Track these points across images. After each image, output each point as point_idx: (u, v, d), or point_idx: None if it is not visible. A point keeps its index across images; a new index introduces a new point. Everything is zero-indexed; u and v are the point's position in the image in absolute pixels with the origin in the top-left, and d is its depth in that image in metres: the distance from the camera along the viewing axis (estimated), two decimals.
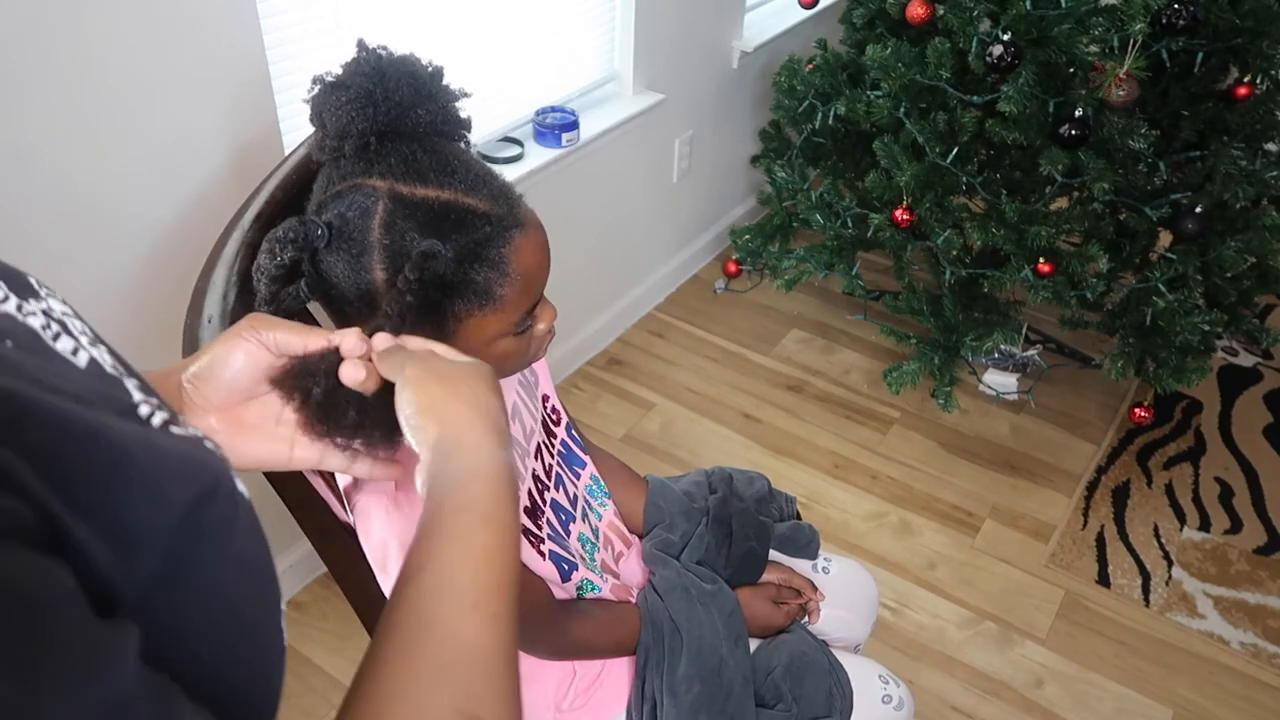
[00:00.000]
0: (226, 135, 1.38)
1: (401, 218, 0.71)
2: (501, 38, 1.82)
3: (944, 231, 2.08)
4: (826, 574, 1.23)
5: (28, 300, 0.36)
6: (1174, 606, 1.88)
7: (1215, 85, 2.01)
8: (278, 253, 0.70)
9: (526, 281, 0.77)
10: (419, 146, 0.73)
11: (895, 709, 1.10)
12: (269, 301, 0.73)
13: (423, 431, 0.60)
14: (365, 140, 0.72)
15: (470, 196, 0.73)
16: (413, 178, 0.71)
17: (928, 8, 1.97)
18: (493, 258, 0.74)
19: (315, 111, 0.74)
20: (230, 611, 0.36)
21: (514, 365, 0.85)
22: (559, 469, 1.02)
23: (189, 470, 0.35)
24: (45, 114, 1.16)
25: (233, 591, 0.36)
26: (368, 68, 0.72)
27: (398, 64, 0.73)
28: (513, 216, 0.75)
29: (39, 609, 0.27)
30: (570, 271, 2.23)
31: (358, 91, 0.71)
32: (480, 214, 0.73)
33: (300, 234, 0.70)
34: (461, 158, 0.75)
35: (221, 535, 0.36)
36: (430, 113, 0.74)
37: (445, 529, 0.53)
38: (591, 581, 1.01)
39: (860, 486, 2.13)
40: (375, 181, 0.71)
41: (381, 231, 0.71)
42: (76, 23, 1.15)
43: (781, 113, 2.40)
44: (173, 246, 1.35)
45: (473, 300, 0.75)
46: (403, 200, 0.71)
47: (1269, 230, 1.98)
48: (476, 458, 0.58)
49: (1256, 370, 2.51)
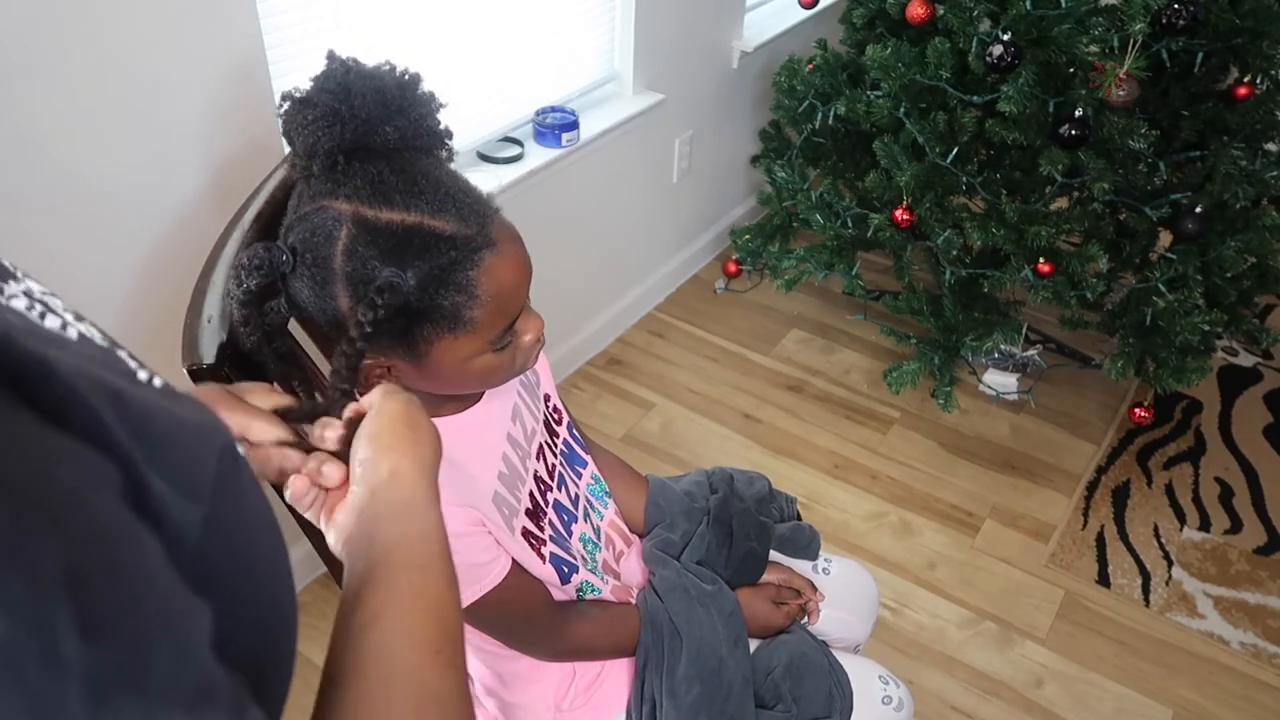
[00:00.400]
0: (226, 135, 1.37)
1: (364, 245, 0.70)
2: (502, 38, 1.82)
3: (944, 231, 2.08)
4: (826, 574, 1.23)
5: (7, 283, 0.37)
6: (1174, 606, 1.88)
7: (1215, 85, 2.01)
8: (243, 279, 0.70)
9: (499, 302, 0.75)
10: (388, 165, 0.71)
11: (895, 710, 1.10)
12: (245, 323, 0.73)
13: (372, 466, 0.59)
14: (333, 159, 0.71)
15: (437, 219, 0.71)
16: (378, 200, 0.70)
17: (928, 8, 1.97)
18: (459, 281, 0.73)
19: (285, 129, 0.73)
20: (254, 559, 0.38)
21: (500, 378, 0.84)
22: (561, 468, 1.02)
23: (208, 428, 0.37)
24: (44, 114, 1.16)
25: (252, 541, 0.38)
26: (333, 84, 0.70)
27: (365, 79, 0.71)
28: (482, 236, 0.73)
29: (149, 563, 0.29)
30: (570, 271, 2.24)
31: (324, 110, 0.70)
32: (445, 237, 0.71)
33: (265, 260, 0.70)
34: (431, 176, 0.73)
35: (236, 489, 0.37)
36: (399, 129, 0.72)
37: (401, 581, 0.54)
38: (591, 583, 1.01)
39: (860, 486, 2.13)
40: (340, 205, 0.70)
41: (344, 259, 0.70)
42: (76, 23, 1.15)
43: (781, 113, 2.40)
44: (173, 246, 1.35)
45: (441, 325, 0.74)
46: (366, 225, 0.70)
47: (1269, 230, 1.98)
48: (427, 520, 0.58)
49: (1256, 370, 2.51)
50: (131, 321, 1.36)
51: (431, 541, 0.57)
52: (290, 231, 0.73)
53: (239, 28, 1.33)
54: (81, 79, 1.18)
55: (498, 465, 0.90)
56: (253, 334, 0.73)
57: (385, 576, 0.54)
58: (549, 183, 1.99)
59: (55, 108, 1.17)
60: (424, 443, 0.61)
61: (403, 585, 0.54)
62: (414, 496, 0.58)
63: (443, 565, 0.56)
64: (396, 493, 0.58)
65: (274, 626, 0.40)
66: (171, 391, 0.38)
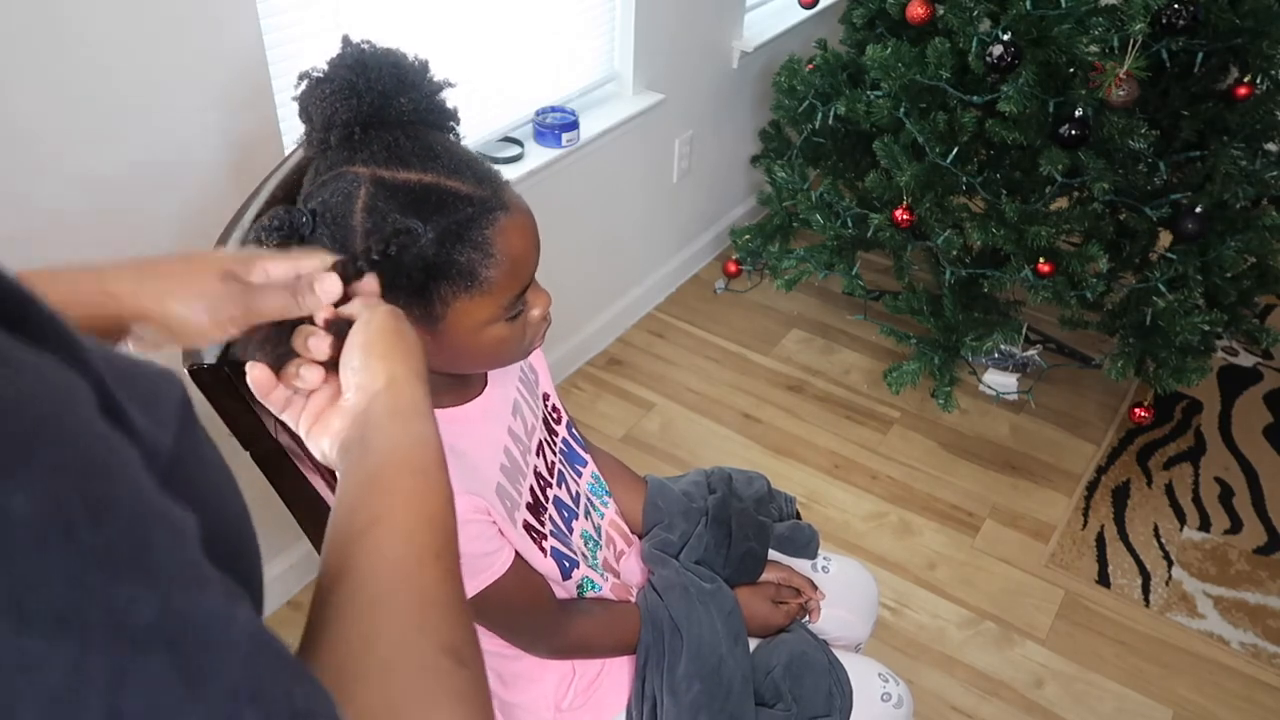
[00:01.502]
0: (227, 135, 1.38)
1: (383, 200, 0.71)
2: (501, 38, 1.82)
3: (944, 231, 2.08)
4: (826, 574, 1.23)
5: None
6: (1174, 606, 1.88)
7: (1215, 85, 2.01)
8: (263, 240, 0.71)
9: (512, 264, 0.77)
10: (402, 133, 0.74)
11: (895, 707, 1.10)
12: None
13: (367, 373, 0.59)
14: (350, 130, 0.73)
15: (453, 179, 0.73)
16: (395, 163, 0.72)
17: (928, 8, 1.97)
18: (475, 239, 0.74)
19: (302, 106, 0.75)
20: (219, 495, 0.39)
21: (510, 353, 0.85)
22: (561, 466, 1.02)
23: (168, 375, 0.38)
24: (45, 114, 1.16)
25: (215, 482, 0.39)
26: (350, 60, 0.73)
27: (381, 55, 0.74)
28: (497, 199, 0.75)
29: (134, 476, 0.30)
30: (570, 271, 2.24)
31: (341, 83, 0.72)
32: (462, 196, 0.73)
33: (285, 221, 0.71)
34: (445, 144, 0.75)
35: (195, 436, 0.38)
36: (414, 101, 0.74)
37: (399, 486, 0.54)
38: (592, 580, 1.01)
39: (860, 486, 2.13)
40: (358, 169, 0.72)
41: (364, 215, 0.72)
42: (76, 22, 1.15)
43: (781, 113, 2.40)
44: (173, 246, 1.36)
45: (458, 282, 0.75)
46: (384, 184, 0.72)
47: (1269, 230, 1.98)
48: (424, 423, 0.58)
49: (1256, 370, 2.51)
50: None
51: (430, 447, 0.57)
52: (309, 199, 0.74)
53: (239, 28, 1.33)
54: (82, 79, 1.18)
55: (500, 457, 0.90)
56: None
57: (385, 480, 0.54)
58: (549, 183, 1.99)
59: (55, 108, 1.17)
60: (414, 353, 0.61)
61: (404, 490, 0.53)
62: (412, 403, 0.58)
63: (440, 474, 0.56)
64: (395, 399, 0.58)
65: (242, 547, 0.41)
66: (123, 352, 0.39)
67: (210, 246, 0.88)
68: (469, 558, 0.84)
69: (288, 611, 1.78)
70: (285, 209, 0.72)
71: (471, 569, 0.84)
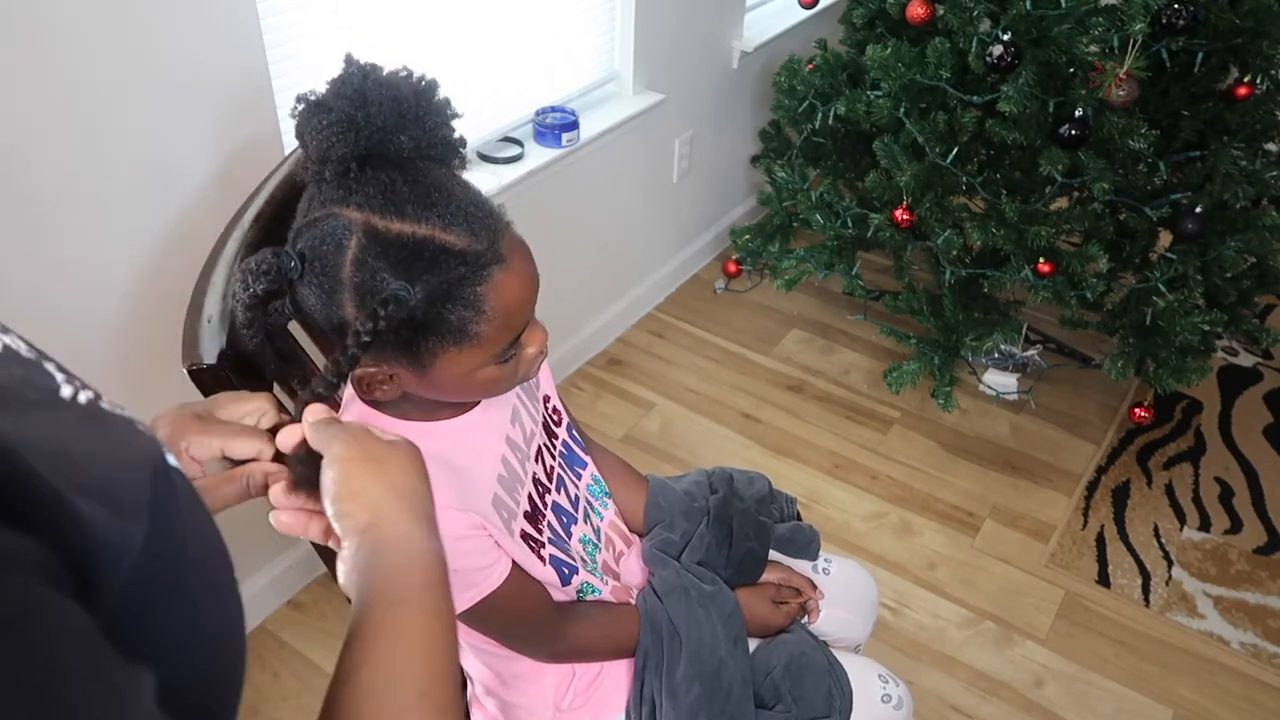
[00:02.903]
0: (227, 135, 1.38)
1: (374, 256, 0.69)
2: (501, 38, 1.82)
3: (944, 231, 2.07)
4: (826, 574, 1.23)
5: None
6: (1174, 606, 1.88)
7: (1215, 85, 2.01)
8: (250, 284, 0.69)
9: (505, 318, 0.75)
10: (400, 174, 0.71)
11: (895, 708, 1.10)
12: (248, 325, 0.72)
13: (350, 519, 0.58)
14: (345, 166, 0.70)
15: (449, 232, 0.70)
16: (390, 211, 0.69)
17: (928, 8, 1.97)
18: (467, 297, 0.72)
19: (298, 132, 0.72)
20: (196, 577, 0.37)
21: (502, 388, 0.84)
22: (560, 470, 1.02)
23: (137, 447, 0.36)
24: (45, 114, 1.16)
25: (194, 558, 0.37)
26: (350, 90, 0.70)
27: (383, 86, 0.71)
28: (492, 252, 0.72)
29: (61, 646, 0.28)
30: (570, 271, 2.24)
31: (339, 115, 0.69)
32: (455, 252, 0.71)
33: (273, 266, 0.69)
34: (444, 187, 0.72)
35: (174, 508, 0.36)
36: (414, 138, 0.72)
37: (381, 623, 0.53)
38: (591, 584, 1.01)
39: (860, 486, 2.13)
40: (351, 213, 0.70)
41: (353, 269, 0.70)
42: (76, 22, 1.15)
43: (781, 113, 2.40)
44: (173, 246, 1.35)
45: (447, 338, 0.74)
46: (376, 236, 0.69)
47: (1269, 230, 1.98)
48: (407, 547, 0.56)
49: (1256, 370, 2.50)
50: (132, 321, 1.36)
51: (415, 571, 0.55)
52: (299, 236, 0.72)
53: (239, 28, 1.33)
54: (82, 79, 1.18)
55: (497, 468, 0.90)
56: (255, 336, 0.73)
57: (365, 622, 0.53)
58: (549, 183, 1.99)
59: (56, 108, 1.17)
60: (392, 470, 0.60)
61: (382, 627, 0.52)
62: (396, 530, 0.57)
63: (428, 594, 0.55)
64: (375, 534, 0.57)
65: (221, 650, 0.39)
66: (97, 411, 0.37)
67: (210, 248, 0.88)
68: (464, 571, 0.84)
69: (287, 610, 1.78)
70: (274, 252, 0.70)
71: (467, 582, 0.84)
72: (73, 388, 0.37)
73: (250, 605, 1.74)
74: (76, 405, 0.36)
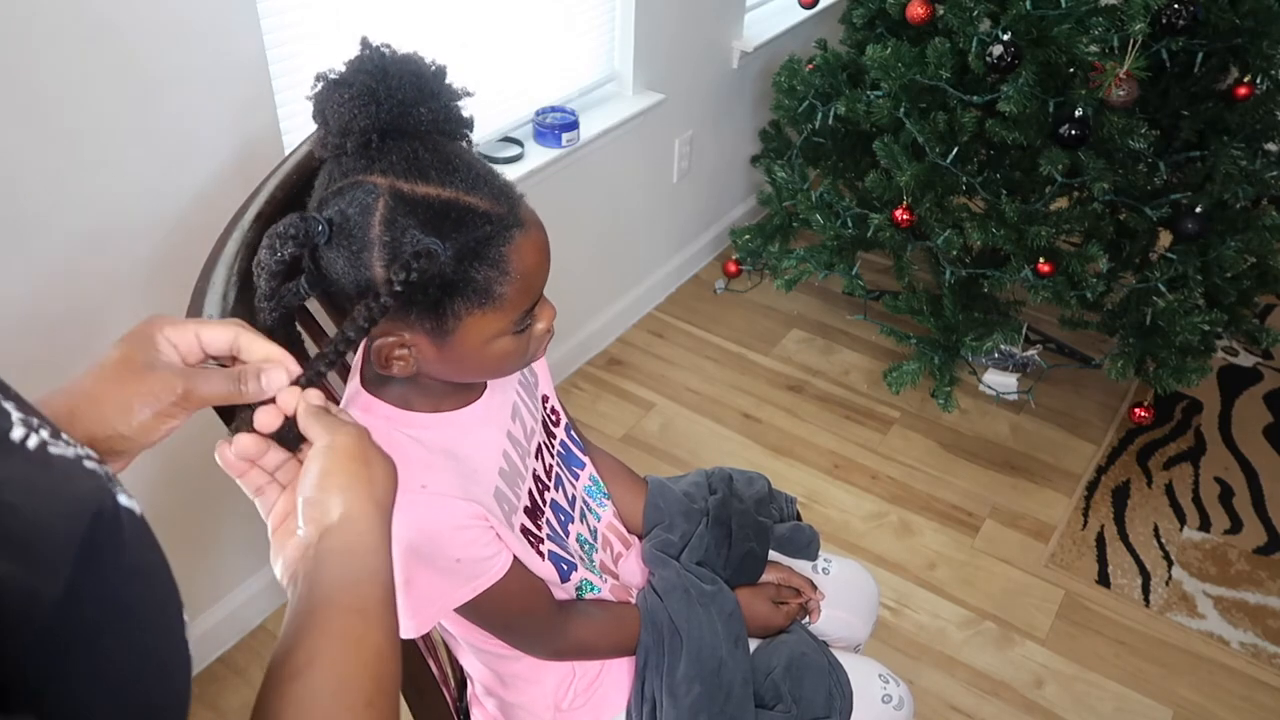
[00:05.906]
0: (227, 135, 1.38)
1: (402, 214, 0.71)
2: (501, 38, 1.82)
3: (944, 231, 2.08)
4: (826, 574, 1.23)
5: None
6: (1174, 606, 1.88)
7: (1215, 85, 2.01)
8: (278, 248, 0.70)
9: (526, 281, 0.77)
10: (421, 144, 0.73)
11: (895, 708, 1.10)
12: (268, 298, 0.72)
13: (319, 508, 0.57)
14: (367, 138, 0.72)
15: (471, 195, 0.72)
16: (414, 175, 0.71)
17: (928, 8, 1.97)
18: (492, 256, 0.74)
19: (318, 108, 0.73)
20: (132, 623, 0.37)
21: (512, 365, 0.85)
22: (558, 469, 1.02)
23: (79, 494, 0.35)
24: (45, 114, 1.16)
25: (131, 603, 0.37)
26: (371, 65, 0.72)
27: (401, 62, 0.73)
28: (513, 216, 0.75)
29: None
30: (570, 271, 2.23)
31: (360, 89, 0.71)
32: (481, 213, 0.73)
33: (301, 230, 0.70)
34: (463, 156, 0.75)
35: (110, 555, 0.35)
36: (433, 111, 0.74)
37: (340, 629, 0.52)
38: (591, 582, 1.01)
39: (860, 486, 2.13)
40: (376, 178, 0.71)
41: (382, 228, 0.71)
42: (76, 22, 1.15)
43: (781, 113, 2.40)
44: (173, 246, 1.35)
45: (472, 299, 0.75)
46: (403, 197, 0.71)
47: (1269, 230, 1.98)
48: (372, 561, 0.56)
49: (1256, 370, 2.51)
50: (132, 321, 1.35)
51: (377, 585, 0.55)
52: (325, 205, 0.73)
53: (239, 28, 1.33)
54: (81, 79, 1.18)
55: (499, 461, 0.90)
56: (274, 310, 0.73)
57: (323, 621, 0.52)
58: (549, 183, 1.99)
59: (55, 108, 1.17)
60: (378, 480, 0.60)
61: (341, 631, 0.52)
62: (364, 539, 0.56)
63: (385, 612, 0.54)
64: (346, 534, 0.56)
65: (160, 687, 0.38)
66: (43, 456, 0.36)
67: (208, 247, 0.88)
68: (467, 562, 0.84)
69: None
70: (300, 216, 0.71)
71: (470, 573, 0.84)
72: (25, 429, 0.36)
73: (252, 604, 1.75)
74: (24, 450, 0.35)
